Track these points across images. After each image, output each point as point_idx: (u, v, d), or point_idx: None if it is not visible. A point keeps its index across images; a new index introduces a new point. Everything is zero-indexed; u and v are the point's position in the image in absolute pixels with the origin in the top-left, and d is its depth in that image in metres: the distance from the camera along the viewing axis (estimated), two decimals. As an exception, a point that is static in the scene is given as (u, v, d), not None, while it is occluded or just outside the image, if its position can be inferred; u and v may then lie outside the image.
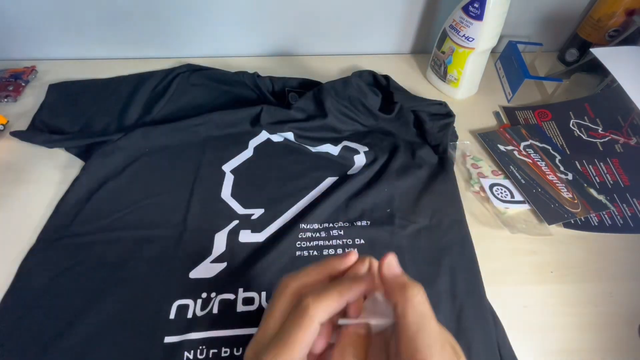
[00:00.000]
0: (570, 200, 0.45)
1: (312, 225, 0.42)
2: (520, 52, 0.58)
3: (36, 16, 0.56)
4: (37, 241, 0.40)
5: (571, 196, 0.45)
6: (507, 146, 0.50)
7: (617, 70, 0.47)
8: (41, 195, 0.44)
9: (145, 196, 0.43)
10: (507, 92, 0.59)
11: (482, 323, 0.35)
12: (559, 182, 0.46)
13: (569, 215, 0.43)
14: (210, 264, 0.38)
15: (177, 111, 0.52)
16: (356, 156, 0.47)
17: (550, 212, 0.44)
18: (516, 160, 0.48)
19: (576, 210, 0.44)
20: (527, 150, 0.49)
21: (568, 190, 0.45)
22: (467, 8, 0.49)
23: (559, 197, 0.45)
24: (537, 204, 0.44)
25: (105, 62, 0.61)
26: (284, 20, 0.60)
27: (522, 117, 0.55)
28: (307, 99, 0.50)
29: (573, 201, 0.45)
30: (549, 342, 0.36)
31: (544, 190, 0.44)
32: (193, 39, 0.61)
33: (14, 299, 0.36)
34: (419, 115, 0.50)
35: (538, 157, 0.49)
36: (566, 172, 0.47)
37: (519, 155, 0.49)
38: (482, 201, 0.45)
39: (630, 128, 0.50)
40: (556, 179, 0.47)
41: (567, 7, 0.61)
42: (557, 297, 0.39)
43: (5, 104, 0.54)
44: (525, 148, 0.50)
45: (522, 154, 0.49)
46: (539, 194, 0.44)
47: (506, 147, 0.50)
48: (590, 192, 0.46)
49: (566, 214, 0.43)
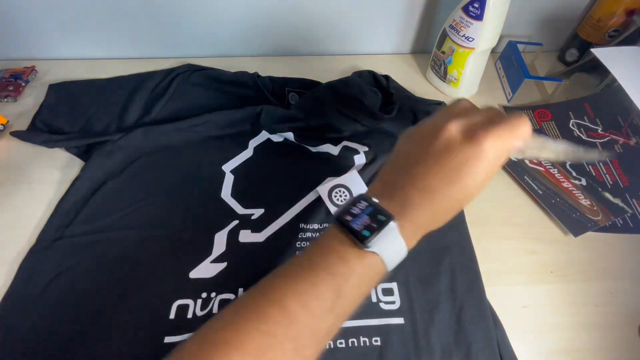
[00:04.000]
0: (589, 208, 0.44)
1: (312, 225, 0.42)
2: (520, 52, 0.58)
3: (36, 16, 0.56)
4: (37, 241, 0.40)
5: (589, 203, 0.44)
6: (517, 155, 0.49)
7: (618, 70, 0.47)
8: (41, 195, 0.44)
9: (145, 196, 0.43)
10: (507, 92, 0.59)
11: (482, 323, 0.35)
12: (574, 188, 0.45)
13: (592, 224, 0.42)
14: (210, 264, 0.38)
15: (177, 111, 0.52)
16: (356, 156, 0.47)
17: (573, 223, 0.42)
18: (529, 170, 0.47)
19: (597, 217, 0.43)
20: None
21: (585, 197, 0.45)
22: (467, 8, 0.49)
23: (579, 205, 0.44)
24: (560, 215, 0.43)
25: (105, 62, 0.61)
26: (284, 20, 0.60)
27: None
28: (307, 98, 0.50)
29: (592, 208, 0.44)
30: (549, 342, 0.36)
31: (563, 199, 0.42)
32: (193, 39, 0.61)
33: (14, 299, 0.36)
34: (418, 115, 0.50)
35: (549, 164, 0.48)
36: (579, 177, 0.46)
37: (530, 164, 0.48)
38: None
39: (630, 128, 0.50)
40: (571, 185, 0.46)
41: (567, 7, 0.61)
42: (557, 297, 0.39)
43: (5, 104, 0.54)
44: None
45: (533, 162, 0.48)
46: (559, 204, 0.42)
47: (517, 157, 0.49)
48: (607, 197, 0.45)
49: (589, 223, 0.42)
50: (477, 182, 0.27)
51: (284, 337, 0.24)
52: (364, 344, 0.34)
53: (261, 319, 0.24)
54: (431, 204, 0.27)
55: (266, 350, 0.23)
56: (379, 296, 0.36)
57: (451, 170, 0.27)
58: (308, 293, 0.25)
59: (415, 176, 0.28)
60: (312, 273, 0.26)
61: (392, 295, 0.36)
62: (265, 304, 0.25)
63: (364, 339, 0.34)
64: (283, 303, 0.25)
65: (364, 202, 0.27)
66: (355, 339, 0.34)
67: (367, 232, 0.26)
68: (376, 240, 0.26)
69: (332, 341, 0.33)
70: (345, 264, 0.26)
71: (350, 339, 0.34)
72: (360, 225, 0.26)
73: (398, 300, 0.36)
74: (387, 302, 0.36)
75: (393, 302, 0.36)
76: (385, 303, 0.36)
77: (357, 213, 0.27)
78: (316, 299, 0.25)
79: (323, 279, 0.26)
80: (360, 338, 0.34)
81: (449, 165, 0.27)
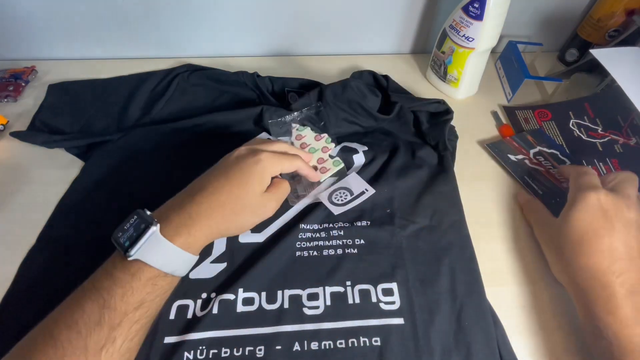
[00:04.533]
0: None
1: (312, 225, 0.42)
2: (520, 52, 0.58)
3: (36, 16, 0.56)
4: (37, 241, 0.40)
5: None
6: (517, 155, 0.49)
7: (617, 71, 0.47)
8: (41, 195, 0.44)
9: (145, 196, 0.43)
10: (507, 92, 0.59)
11: (482, 323, 0.35)
12: None
13: None
14: (210, 264, 0.38)
15: (176, 111, 0.52)
16: (355, 155, 0.47)
17: None
18: (529, 170, 0.48)
19: None
20: (537, 158, 0.49)
21: None
22: (467, 8, 0.49)
23: None
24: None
25: (105, 62, 0.61)
26: (284, 20, 0.60)
27: (522, 116, 0.55)
28: (307, 99, 0.50)
29: None
30: (548, 342, 0.36)
31: (563, 199, 0.41)
32: (193, 39, 0.61)
33: (14, 300, 0.36)
34: (418, 115, 0.50)
35: (549, 164, 0.48)
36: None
37: (531, 164, 0.48)
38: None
39: (629, 128, 0.50)
40: None
41: (567, 7, 0.61)
42: (557, 297, 0.39)
43: (5, 104, 0.54)
44: (535, 156, 0.49)
45: (533, 162, 0.48)
46: (559, 204, 0.40)
47: (517, 157, 0.49)
48: None
49: None
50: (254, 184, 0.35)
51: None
52: (363, 344, 0.34)
53: (35, 354, 0.26)
54: (210, 202, 0.32)
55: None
56: (379, 296, 0.36)
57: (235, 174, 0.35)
58: (73, 312, 0.27)
59: (196, 187, 0.34)
60: (81, 293, 0.28)
61: (392, 296, 0.36)
62: (39, 336, 0.27)
63: (363, 339, 0.34)
64: (52, 333, 0.27)
65: (135, 216, 0.30)
66: (355, 339, 0.34)
67: (127, 243, 0.29)
68: (137, 247, 0.28)
69: (332, 341, 0.33)
70: (109, 276, 0.28)
71: (350, 339, 0.34)
72: (125, 237, 0.29)
73: (398, 301, 0.36)
74: (387, 303, 0.36)
75: (393, 303, 0.36)
76: (385, 303, 0.36)
77: (126, 228, 0.30)
78: (81, 317, 0.27)
79: (88, 295, 0.28)
80: (360, 338, 0.34)
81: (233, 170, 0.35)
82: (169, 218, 0.31)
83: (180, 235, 0.31)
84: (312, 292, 0.37)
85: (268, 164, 0.35)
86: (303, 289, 0.37)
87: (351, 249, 0.40)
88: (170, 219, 0.31)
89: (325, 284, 0.37)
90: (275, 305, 0.36)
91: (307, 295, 0.36)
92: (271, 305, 0.36)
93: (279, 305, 0.36)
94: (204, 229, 0.32)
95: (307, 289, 0.37)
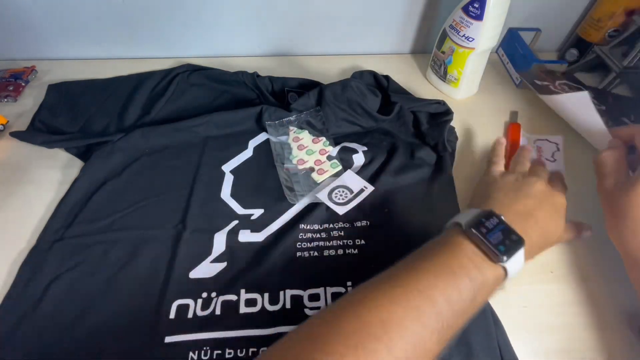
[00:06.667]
0: None
1: (312, 225, 0.42)
2: (522, 39, 0.59)
3: (36, 16, 0.56)
4: (38, 242, 0.40)
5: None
6: (543, 81, 0.52)
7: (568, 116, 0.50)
8: (41, 195, 0.44)
9: (145, 196, 0.43)
10: (514, 77, 0.60)
11: (482, 323, 0.35)
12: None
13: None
14: (210, 263, 0.39)
15: (176, 111, 0.52)
16: (355, 155, 0.47)
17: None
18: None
19: None
20: (561, 86, 0.52)
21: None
22: (467, 8, 0.49)
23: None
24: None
25: (105, 62, 0.61)
26: (284, 20, 0.60)
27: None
28: (307, 99, 0.50)
29: None
30: (549, 342, 0.36)
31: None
32: (193, 39, 0.61)
33: (14, 300, 0.36)
34: (418, 116, 0.50)
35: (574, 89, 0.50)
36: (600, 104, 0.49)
37: (554, 88, 0.51)
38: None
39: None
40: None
41: (567, 7, 0.61)
42: (557, 297, 0.39)
43: (5, 104, 0.54)
44: (560, 85, 0.52)
45: (556, 87, 0.51)
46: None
47: (542, 82, 0.52)
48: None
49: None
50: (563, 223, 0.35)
51: (432, 328, 0.25)
52: (364, 344, 0.33)
53: (410, 306, 0.25)
54: (540, 233, 0.32)
55: (417, 342, 0.25)
56: (379, 296, 0.36)
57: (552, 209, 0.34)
58: (451, 291, 0.27)
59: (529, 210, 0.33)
60: (452, 275, 0.27)
61: (392, 296, 0.36)
62: (416, 294, 0.26)
63: (364, 339, 0.34)
64: (431, 296, 0.26)
65: (496, 219, 0.30)
66: (355, 339, 0.34)
67: (502, 248, 0.28)
68: (512, 259, 0.28)
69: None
70: (481, 273, 0.28)
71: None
72: (495, 239, 0.28)
73: (398, 301, 0.36)
74: (387, 302, 0.36)
75: (393, 302, 0.36)
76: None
77: (490, 227, 0.29)
78: (458, 299, 0.26)
79: (464, 282, 0.27)
80: (360, 338, 0.34)
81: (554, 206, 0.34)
82: (527, 234, 0.30)
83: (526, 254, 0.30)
84: (314, 293, 0.37)
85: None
86: (304, 290, 0.37)
87: (351, 249, 0.40)
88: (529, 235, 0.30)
89: (326, 285, 0.37)
90: (277, 306, 0.36)
91: (308, 296, 0.36)
92: (274, 306, 0.36)
93: (281, 306, 0.36)
94: (534, 251, 0.33)
95: (308, 290, 0.37)
